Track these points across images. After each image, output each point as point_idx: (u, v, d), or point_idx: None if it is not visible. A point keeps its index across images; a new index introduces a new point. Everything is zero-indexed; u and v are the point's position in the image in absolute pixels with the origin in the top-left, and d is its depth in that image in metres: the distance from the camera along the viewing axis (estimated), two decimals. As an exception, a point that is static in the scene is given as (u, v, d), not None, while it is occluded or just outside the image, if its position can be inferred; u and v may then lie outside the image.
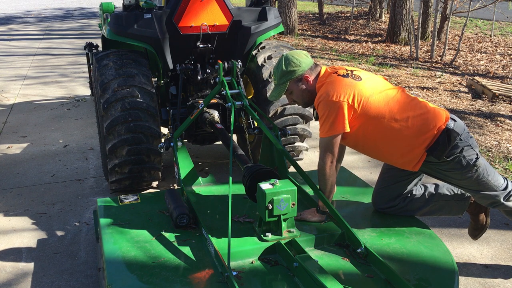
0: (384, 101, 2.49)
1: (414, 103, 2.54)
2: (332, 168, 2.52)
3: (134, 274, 2.19)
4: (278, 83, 2.63)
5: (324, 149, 2.51)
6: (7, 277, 2.79)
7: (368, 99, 2.46)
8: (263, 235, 2.40)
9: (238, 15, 3.71)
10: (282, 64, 2.58)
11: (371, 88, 2.50)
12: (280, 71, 2.59)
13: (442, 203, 2.79)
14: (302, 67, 2.57)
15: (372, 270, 2.25)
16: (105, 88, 3.39)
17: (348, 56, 9.42)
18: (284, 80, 2.59)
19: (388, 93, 2.53)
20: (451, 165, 2.49)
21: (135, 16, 3.52)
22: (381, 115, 2.47)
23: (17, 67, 8.76)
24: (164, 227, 2.58)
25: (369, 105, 2.46)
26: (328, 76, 2.56)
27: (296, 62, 2.56)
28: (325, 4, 15.89)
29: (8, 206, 3.62)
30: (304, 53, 2.63)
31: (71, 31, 13.46)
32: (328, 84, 2.50)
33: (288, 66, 2.57)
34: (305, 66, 2.58)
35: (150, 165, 3.51)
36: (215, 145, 4.41)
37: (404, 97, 2.55)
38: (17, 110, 6.05)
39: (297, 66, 2.56)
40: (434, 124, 2.46)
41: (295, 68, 2.56)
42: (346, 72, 2.55)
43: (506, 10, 12.17)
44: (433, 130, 2.45)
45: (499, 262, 2.90)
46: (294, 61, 2.57)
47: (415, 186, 2.77)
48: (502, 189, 2.57)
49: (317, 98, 2.52)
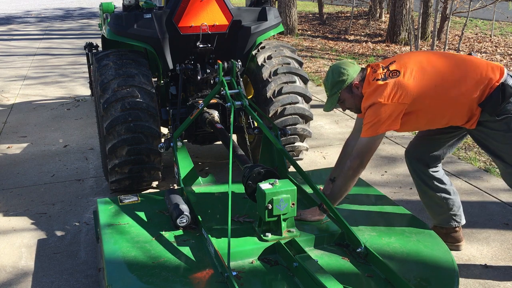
0: (430, 79, 2.50)
1: (463, 64, 2.55)
2: (359, 171, 2.54)
3: (134, 274, 2.19)
4: (329, 94, 2.65)
5: (361, 148, 2.51)
6: (7, 277, 2.80)
7: (413, 88, 2.47)
8: (263, 235, 2.40)
9: (238, 15, 3.71)
10: (331, 75, 2.62)
11: (411, 76, 2.50)
12: (330, 82, 2.62)
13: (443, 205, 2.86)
14: (350, 75, 2.59)
15: (372, 270, 2.25)
16: (105, 88, 3.39)
17: (348, 56, 9.42)
18: (335, 90, 2.62)
19: (429, 70, 2.53)
20: (498, 125, 2.51)
21: (135, 16, 3.52)
22: (432, 94, 2.49)
23: (17, 67, 8.76)
24: (164, 227, 2.58)
25: (417, 93, 2.47)
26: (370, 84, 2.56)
27: (344, 72, 2.59)
28: (325, 4, 15.88)
29: (8, 206, 3.62)
30: (350, 61, 2.66)
31: (71, 31, 13.47)
32: (373, 92, 2.51)
33: (337, 77, 2.60)
34: (353, 74, 2.60)
35: (150, 165, 3.51)
36: (215, 145, 4.41)
37: (448, 62, 2.57)
38: (17, 110, 6.05)
39: (345, 75, 2.59)
40: (489, 79, 2.47)
41: (345, 78, 2.59)
42: (383, 73, 2.54)
43: (506, 10, 12.16)
44: (487, 85, 2.47)
45: (499, 262, 2.90)
46: (342, 71, 2.59)
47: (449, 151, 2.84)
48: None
49: (364, 106, 2.54)
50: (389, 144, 4.79)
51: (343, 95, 2.63)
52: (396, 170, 4.22)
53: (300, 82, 3.85)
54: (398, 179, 4.04)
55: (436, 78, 2.51)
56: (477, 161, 4.36)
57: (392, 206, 2.87)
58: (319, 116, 5.69)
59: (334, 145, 4.81)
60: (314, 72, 8.19)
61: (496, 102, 2.45)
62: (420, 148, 2.88)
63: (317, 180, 2.94)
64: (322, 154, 4.60)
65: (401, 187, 3.88)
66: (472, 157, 4.44)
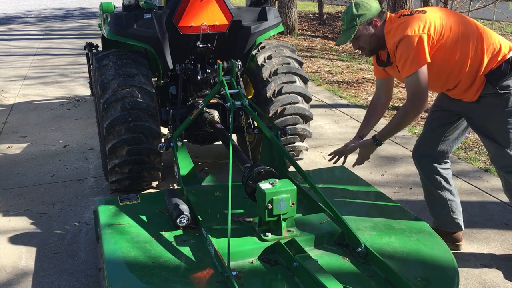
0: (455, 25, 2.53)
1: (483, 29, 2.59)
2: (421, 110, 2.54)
3: (134, 275, 2.19)
4: (347, 27, 2.62)
5: (412, 89, 2.51)
6: (7, 277, 2.80)
7: (440, 27, 2.50)
8: (263, 235, 2.40)
9: (238, 15, 3.71)
10: (353, 8, 2.60)
11: (438, 17, 2.54)
12: (350, 14, 2.60)
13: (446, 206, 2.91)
14: (372, 11, 2.60)
15: (372, 269, 2.25)
16: (105, 88, 3.39)
17: (348, 56, 9.42)
18: (354, 23, 2.59)
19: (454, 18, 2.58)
20: (498, 100, 2.54)
21: (135, 16, 3.52)
22: (454, 39, 2.51)
23: (17, 67, 8.77)
24: (164, 227, 2.57)
25: (442, 33, 2.50)
26: (395, 20, 2.59)
27: (367, 6, 2.59)
28: (325, 4, 15.88)
29: (8, 206, 3.62)
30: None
31: (71, 31, 13.48)
32: (400, 26, 2.53)
33: (359, 10, 2.58)
34: (375, 11, 2.61)
35: (150, 165, 3.52)
36: (215, 145, 4.41)
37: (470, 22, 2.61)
38: (17, 110, 6.05)
39: (367, 10, 2.59)
40: (501, 51, 2.53)
41: (366, 12, 2.58)
42: (409, 11, 2.59)
43: (506, 10, 12.15)
44: (497, 55, 2.52)
45: (499, 262, 2.90)
46: (364, 5, 2.60)
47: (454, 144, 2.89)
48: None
49: (393, 42, 2.53)
50: (389, 144, 4.79)
51: (360, 30, 2.61)
52: (396, 170, 4.22)
53: (300, 82, 3.85)
54: (398, 179, 4.05)
55: (460, 26, 2.55)
56: (477, 161, 4.36)
57: (392, 205, 2.87)
58: (319, 116, 5.69)
59: (334, 145, 4.80)
60: (314, 72, 8.19)
61: (503, 74, 2.50)
62: (426, 144, 2.91)
63: (317, 180, 2.94)
64: (322, 154, 4.60)
65: (401, 187, 3.88)
66: (472, 157, 4.44)
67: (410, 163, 4.33)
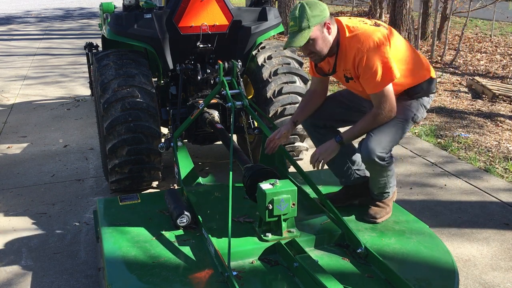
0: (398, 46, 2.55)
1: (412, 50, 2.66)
2: (392, 116, 2.52)
3: (134, 274, 2.19)
4: (299, 28, 2.38)
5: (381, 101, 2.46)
6: (7, 277, 2.79)
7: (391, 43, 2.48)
8: (263, 235, 2.40)
9: (238, 15, 3.71)
10: (306, 8, 2.38)
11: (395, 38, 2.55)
12: (305, 14, 2.36)
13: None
14: (325, 13, 2.44)
15: (372, 270, 2.25)
16: (105, 88, 3.39)
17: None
18: (308, 24, 2.37)
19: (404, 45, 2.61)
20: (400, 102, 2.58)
21: (135, 16, 3.52)
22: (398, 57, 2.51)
23: (17, 67, 8.76)
24: (164, 227, 2.58)
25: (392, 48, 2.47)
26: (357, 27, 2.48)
27: (320, 7, 2.42)
28: (325, 4, 15.88)
29: (8, 206, 3.62)
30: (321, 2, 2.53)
31: (71, 31, 13.48)
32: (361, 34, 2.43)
33: (313, 10, 2.38)
34: (327, 13, 2.45)
35: (150, 165, 3.51)
36: (215, 145, 4.41)
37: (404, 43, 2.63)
38: (17, 110, 6.05)
39: (321, 11, 2.40)
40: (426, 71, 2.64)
41: (320, 13, 2.39)
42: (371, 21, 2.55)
43: (506, 10, 12.14)
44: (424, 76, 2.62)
45: (499, 262, 2.90)
46: (317, 6, 2.40)
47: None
48: (388, 152, 2.53)
49: (354, 53, 2.42)
50: (389, 144, 4.78)
51: (315, 32, 2.40)
52: (396, 170, 4.22)
53: (300, 82, 3.85)
54: (398, 179, 4.04)
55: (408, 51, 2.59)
56: (477, 161, 4.36)
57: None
58: (319, 116, 5.68)
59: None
60: (314, 72, 8.18)
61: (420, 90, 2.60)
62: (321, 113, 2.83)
63: (317, 180, 2.94)
64: (322, 154, 4.59)
65: (401, 187, 3.88)
66: (472, 157, 4.44)
67: (410, 163, 4.33)
